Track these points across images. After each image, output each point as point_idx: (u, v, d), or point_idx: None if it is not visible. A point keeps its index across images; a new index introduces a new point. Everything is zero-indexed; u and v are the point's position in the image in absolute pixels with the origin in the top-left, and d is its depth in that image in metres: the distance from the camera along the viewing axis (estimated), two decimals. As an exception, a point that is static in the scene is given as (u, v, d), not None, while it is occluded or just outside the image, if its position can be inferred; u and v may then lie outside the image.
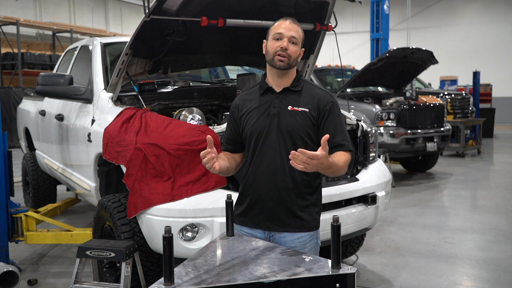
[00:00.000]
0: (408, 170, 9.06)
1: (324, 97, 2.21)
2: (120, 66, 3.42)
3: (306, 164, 1.85)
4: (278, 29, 2.17)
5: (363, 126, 3.66)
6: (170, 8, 3.12)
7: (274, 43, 2.16)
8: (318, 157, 1.85)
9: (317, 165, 1.87)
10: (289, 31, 2.16)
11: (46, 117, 4.96)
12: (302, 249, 2.18)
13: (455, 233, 5.16)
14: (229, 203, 2.20)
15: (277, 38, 2.16)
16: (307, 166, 1.86)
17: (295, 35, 2.17)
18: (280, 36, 2.16)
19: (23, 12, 15.31)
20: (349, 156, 2.17)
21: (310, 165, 1.86)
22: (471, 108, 11.76)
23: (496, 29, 19.45)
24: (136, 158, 2.89)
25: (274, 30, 2.19)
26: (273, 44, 2.17)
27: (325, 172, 2.02)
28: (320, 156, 1.86)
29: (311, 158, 1.84)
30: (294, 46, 2.17)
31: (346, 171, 2.18)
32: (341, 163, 2.08)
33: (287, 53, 2.14)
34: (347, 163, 2.14)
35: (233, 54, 4.21)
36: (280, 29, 2.17)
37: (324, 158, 1.88)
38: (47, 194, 5.76)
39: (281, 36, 2.16)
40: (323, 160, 1.88)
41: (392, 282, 3.90)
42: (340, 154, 2.13)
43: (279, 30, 2.17)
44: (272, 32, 2.19)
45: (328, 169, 1.98)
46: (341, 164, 2.08)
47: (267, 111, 2.19)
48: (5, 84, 13.94)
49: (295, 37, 2.17)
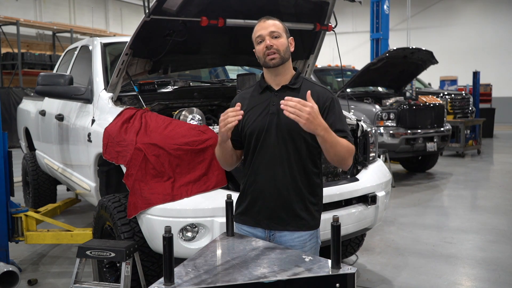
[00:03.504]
0: (408, 170, 9.06)
1: (324, 94, 2.21)
2: (120, 66, 3.42)
3: (298, 111, 1.89)
4: (257, 33, 2.20)
5: (363, 126, 3.66)
6: (170, 8, 3.12)
7: (259, 46, 2.19)
8: (308, 104, 1.91)
9: (311, 115, 1.91)
10: (266, 28, 2.18)
11: (46, 117, 4.97)
12: (302, 248, 2.18)
13: (455, 233, 5.16)
14: (229, 203, 2.20)
15: (260, 41, 2.19)
16: (301, 114, 1.89)
17: (273, 29, 2.18)
18: (261, 38, 2.18)
19: (23, 12, 15.31)
20: (353, 147, 2.15)
21: (303, 112, 1.89)
22: (471, 108, 11.76)
23: (496, 29, 19.45)
24: (136, 158, 2.89)
25: (254, 36, 2.22)
26: (259, 48, 2.19)
27: (324, 137, 1.99)
28: (310, 105, 1.91)
29: (302, 105, 1.90)
30: (278, 39, 2.17)
31: (348, 165, 2.16)
32: (345, 145, 2.08)
33: (274, 49, 2.15)
34: (350, 152, 2.12)
35: (233, 54, 4.21)
36: (258, 32, 2.20)
37: (316, 111, 1.92)
38: (47, 194, 5.76)
39: (262, 37, 2.18)
40: (316, 113, 1.92)
41: (392, 282, 3.90)
42: (342, 139, 2.11)
43: (258, 33, 2.20)
44: (254, 38, 2.23)
45: (326, 132, 1.98)
46: (344, 143, 2.08)
47: (266, 109, 2.19)
48: (5, 84, 13.94)
49: (274, 30, 2.18)
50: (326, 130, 1.98)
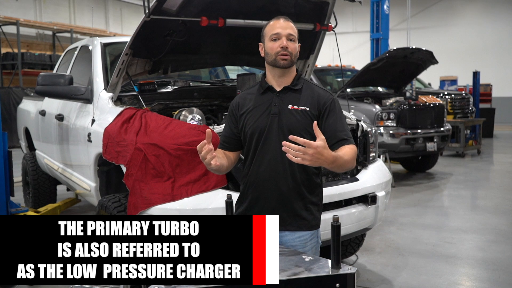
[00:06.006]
0: (408, 170, 9.06)
1: (324, 95, 2.22)
2: (120, 66, 3.42)
3: (302, 155, 1.80)
4: (274, 30, 2.17)
5: (363, 126, 3.66)
6: (170, 8, 3.12)
7: (273, 44, 2.17)
8: (313, 145, 1.80)
9: (316, 156, 1.82)
10: (285, 29, 2.17)
11: (46, 117, 4.96)
12: (303, 247, 2.19)
13: (455, 233, 5.16)
14: (229, 203, 2.20)
15: (275, 38, 2.17)
16: (305, 157, 1.81)
17: (291, 32, 2.18)
18: (277, 36, 2.16)
19: (23, 12, 15.31)
20: (355, 149, 2.14)
21: (307, 155, 1.81)
22: (471, 108, 11.76)
23: (496, 29, 19.45)
24: (136, 158, 2.89)
25: (270, 31, 2.19)
26: (272, 45, 2.17)
27: (331, 167, 1.95)
28: (315, 145, 1.81)
29: (306, 147, 1.80)
30: (293, 43, 2.18)
31: (353, 166, 2.15)
32: (347, 156, 2.04)
33: (288, 51, 2.15)
34: (354, 157, 2.11)
35: (233, 54, 4.21)
36: (276, 29, 2.17)
37: (322, 148, 1.83)
38: (47, 194, 5.76)
39: (279, 36, 2.16)
40: (321, 151, 1.83)
41: (392, 282, 3.90)
42: (346, 147, 2.10)
43: (276, 30, 2.17)
44: (269, 33, 2.19)
45: (333, 163, 1.92)
46: (348, 157, 2.04)
47: (267, 110, 2.19)
48: (5, 84, 13.94)
49: (292, 34, 2.18)
50: (333, 162, 1.93)
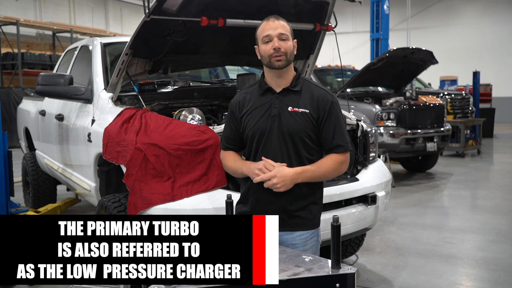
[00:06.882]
0: (408, 170, 9.05)
1: (324, 97, 2.21)
2: (120, 66, 3.42)
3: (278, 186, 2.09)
4: (265, 32, 2.17)
5: (363, 126, 3.66)
6: (170, 8, 3.11)
7: (266, 46, 2.17)
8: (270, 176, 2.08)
9: (282, 179, 2.07)
10: (276, 29, 2.16)
11: (46, 117, 4.96)
12: (303, 246, 2.19)
13: (455, 233, 5.16)
14: (229, 203, 2.20)
15: (267, 41, 2.17)
16: (277, 186, 2.09)
17: (282, 31, 2.17)
18: (269, 38, 2.16)
19: (23, 12, 15.31)
20: (342, 157, 2.19)
21: (277, 184, 2.08)
22: (471, 108, 11.76)
23: (496, 29, 19.44)
24: (136, 158, 2.89)
25: (261, 34, 2.19)
26: (265, 48, 2.17)
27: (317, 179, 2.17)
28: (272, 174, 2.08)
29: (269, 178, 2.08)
30: (286, 42, 2.17)
31: (343, 171, 2.21)
32: (324, 167, 2.15)
33: (282, 52, 2.14)
34: (336, 165, 2.18)
35: (233, 54, 4.21)
36: (266, 31, 2.17)
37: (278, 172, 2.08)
38: (47, 194, 5.76)
39: (270, 37, 2.16)
40: (281, 174, 2.08)
41: (392, 282, 3.90)
42: (326, 158, 2.18)
43: (266, 32, 2.17)
44: (260, 36, 2.20)
45: (314, 178, 2.15)
46: (325, 169, 2.15)
47: (267, 112, 2.19)
48: (5, 84, 13.94)
49: (283, 33, 2.17)
50: (300, 175, 2.11)
